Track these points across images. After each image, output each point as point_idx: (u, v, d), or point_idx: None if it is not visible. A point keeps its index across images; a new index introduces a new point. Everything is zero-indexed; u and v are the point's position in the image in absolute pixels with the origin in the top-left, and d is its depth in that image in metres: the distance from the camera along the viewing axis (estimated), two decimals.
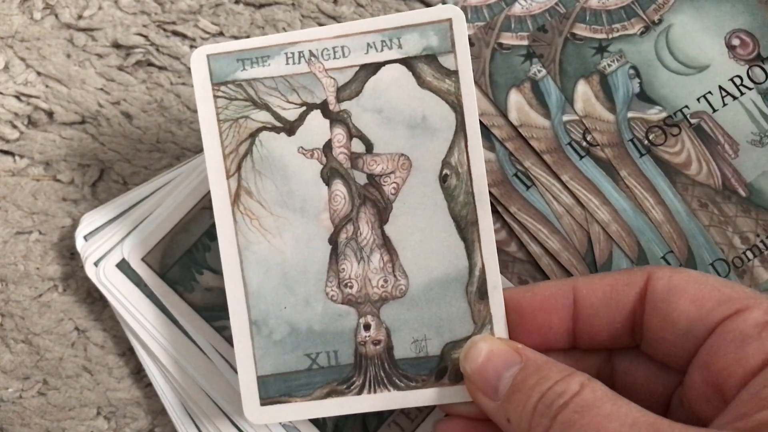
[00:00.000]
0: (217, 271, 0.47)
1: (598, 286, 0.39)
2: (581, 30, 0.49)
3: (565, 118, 0.49)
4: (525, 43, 0.49)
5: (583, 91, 0.49)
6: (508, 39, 0.50)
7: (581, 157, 0.48)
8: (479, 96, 0.49)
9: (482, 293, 0.41)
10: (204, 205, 0.48)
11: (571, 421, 0.33)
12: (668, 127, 0.49)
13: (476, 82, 0.49)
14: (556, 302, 0.40)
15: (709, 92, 0.49)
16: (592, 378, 0.35)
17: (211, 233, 0.48)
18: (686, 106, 0.49)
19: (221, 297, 0.46)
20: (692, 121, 0.49)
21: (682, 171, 0.48)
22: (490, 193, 0.48)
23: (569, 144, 0.48)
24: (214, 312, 0.47)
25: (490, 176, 0.48)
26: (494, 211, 0.48)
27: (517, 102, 0.49)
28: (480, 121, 0.49)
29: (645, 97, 0.49)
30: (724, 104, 0.49)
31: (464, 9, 0.50)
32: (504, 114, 0.49)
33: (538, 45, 0.49)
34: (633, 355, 0.41)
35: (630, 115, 0.49)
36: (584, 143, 0.48)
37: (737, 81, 0.49)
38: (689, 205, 0.48)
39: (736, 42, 0.49)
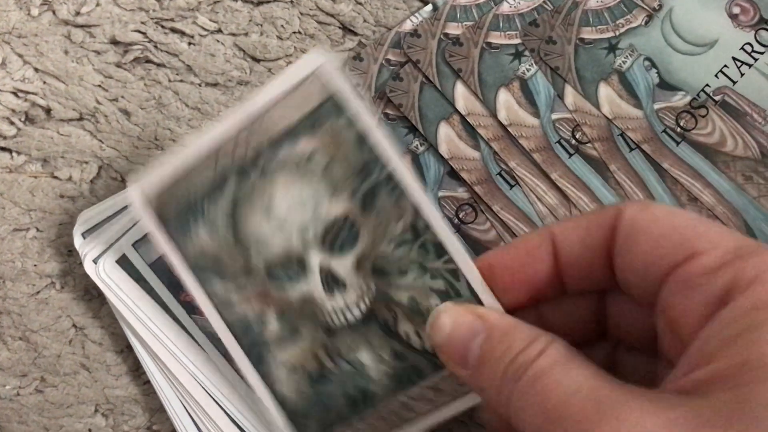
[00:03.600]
0: None
1: (573, 230, 0.38)
2: (588, 33, 0.49)
3: (554, 116, 0.49)
4: (514, 42, 0.50)
5: (606, 93, 0.49)
6: (496, 38, 0.50)
7: (570, 155, 0.49)
8: (468, 95, 0.49)
9: None
10: None
11: (525, 391, 0.32)
12: (695, 109, 0.49)
13: (465, 82, 0.49)
14: (539, 253, 0.38)
15: (725, 66, 0.49)
16: (554, 341, 0.34)
17: None
18: (707, 85, 0.49)
19: None
20: (716, 98, 0.49)
21: (719, 150, 0.49)
22: (474, 191, 0.49)
23: (558, 142, 0.49)
24: None
25: (475, 174, 0.49)
26: (481, 210, 0.49)
27: (506, 101, 0.49)
28: (466, 120, 0.49)
29: (666, 85, 0.49)
30: (742, 74, 0.49)
31: (453, 8, 0.50)
32: (493, 113, 0.49)
33: (530, 39, 0.50)
34: (621, 295, 0.39)
35: (657, 106, 0.49)
36: (573, 141, 0.49)
37: (748, 48, 0.49)
38: (734, 181, 0.48)
39: (736, 10, 0.50)
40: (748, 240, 0.33)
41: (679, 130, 0.49)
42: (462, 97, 0.49)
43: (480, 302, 0.40)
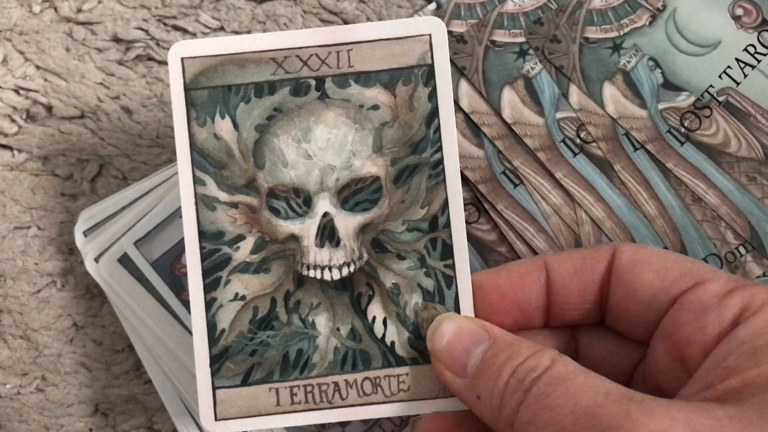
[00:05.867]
0: None
1: (567, 261, 0.40)
2: (592, 33, 0.49)
3: (559, 115, 0.49)
4: (518, 40, 0.50)
5: (610, 93, 0.49)
6: (501, 36, 0.50)
7: (575, 154, 0.49)
8: (472, 93, 0.49)
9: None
10: None
11: (545, 393, 0.33)
12: (699, 110, 0.49)
13: (469, 80, 0.49)
14: (532, 278, 0.40)
15: (729, 67, 0.49)
16: (561, 354, 0.35)
17: None
18: (711, 86, 0.49)
19: None
20: (720, 99, 0.49)
21: (723, 150, 0.49)
22: (477, 190, 0.48)
23: (563, 141, 0.49)
24: None
25: (478, 173, 0.49)
26: (484, 210, 0.49)
27: (510, 100, 0.49)
28: (471, 118, 0.49)
29: (670, 86, 0.49)
30: (745, 75, 0.49)
31: (457, 6, 0.50)
32: (497, 112, 0.49)
33: (534, 38, 0.49)
34: (596, 331, 0.42)
35: (661, 106, 0.49)
36: (578, 140, 0.49)
37: (751, 50, 0.49)
38: (738, 181, 0.48)
39: (739, 12, 0.50)
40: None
41: (683, 130, 0.49)
42: (466, 95, 0.49)
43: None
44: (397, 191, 0.41)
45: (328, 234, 0.41)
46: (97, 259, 0.48)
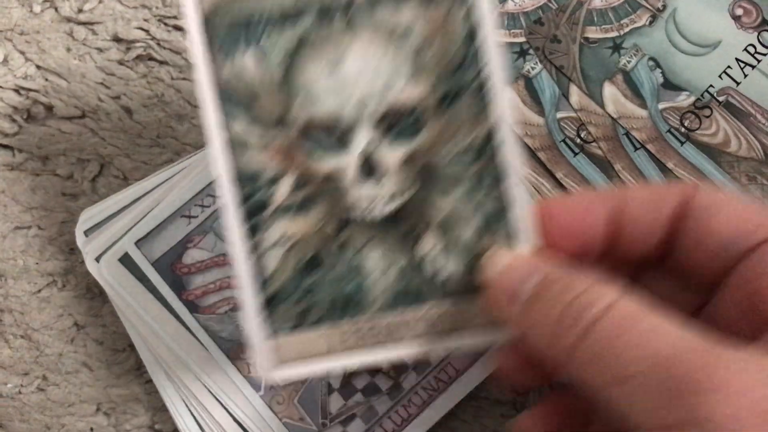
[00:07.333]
0: None
1: (643, 190, 0.38)
2: (593, 33, 0.49)
3: (559, 115, 0.49)
4: (518, 40, 0.50)
5: (610, 92, 0.49)
6: (501, 36, 0.50)
7: (575, 154, 0.49)
8: None
9: None
10: None
11: (616, 334, 0.31)
12: (699, 110, 0.49)
13: None
14: (600, 203, 0.37)
15: (729, 67, 0.49)
16: (626, 290, 0.33)
17: None
18: (711, 86, 0.49)
19: None
20: (720, 99, 0.49)
21: (723, 150, 0.49)
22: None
23: (563, 141, 0.49)
24: None
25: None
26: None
27: (510, 99, 0.49)
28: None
29: (670, 86, 0.49)
30: (745, 75, 0.49)
31: None
32: None
33: (534, 38, 0.49)
34: (656, 274, 0.39)
35: (661, 106, 0.49)
36: (578, 140, 0.49)
37: (751, 50, 0.49)
38: (738, 181, 0.48)
39: (739, 12, 0.50)
40: None
41: (683, 130, 0.49)
42: None
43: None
44: (440, 118, 0.37)
45: (369, 168, 0.38)
46: (98, 259, 0.48)
